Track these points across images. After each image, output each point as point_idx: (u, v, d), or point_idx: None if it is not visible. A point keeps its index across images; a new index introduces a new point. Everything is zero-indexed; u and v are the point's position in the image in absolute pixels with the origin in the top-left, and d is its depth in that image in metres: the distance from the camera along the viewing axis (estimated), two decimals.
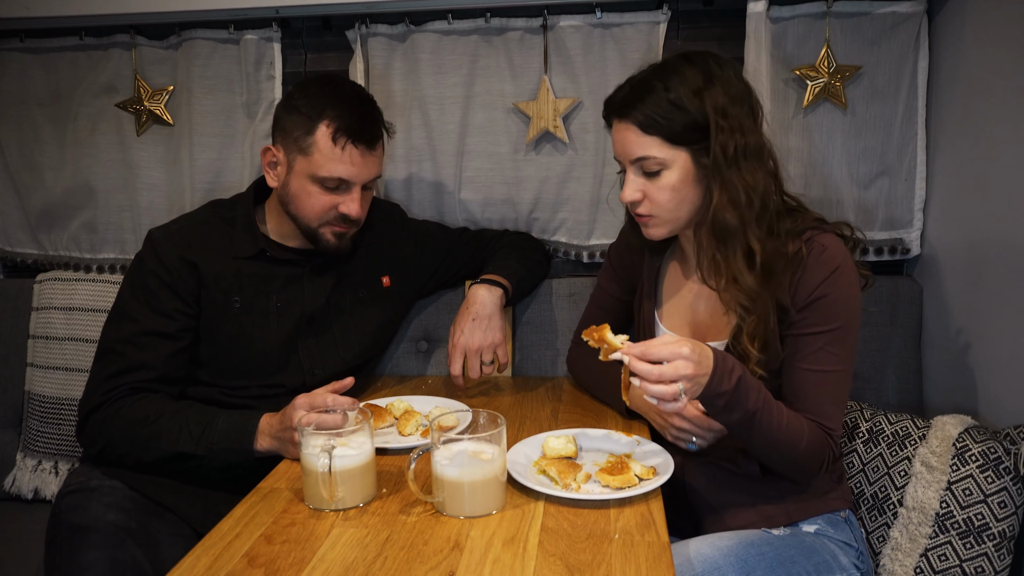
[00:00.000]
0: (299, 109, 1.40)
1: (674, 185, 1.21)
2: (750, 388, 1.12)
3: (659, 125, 1.19)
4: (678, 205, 1.23)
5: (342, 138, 1.38)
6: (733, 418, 1.13)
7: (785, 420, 1.16)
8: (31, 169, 2.01)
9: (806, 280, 1.21)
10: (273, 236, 1.52)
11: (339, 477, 1.10)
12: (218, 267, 1.45)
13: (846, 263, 1.22)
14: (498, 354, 1.52)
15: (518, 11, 1.78)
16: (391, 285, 1.64)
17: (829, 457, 1.22)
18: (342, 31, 1.85)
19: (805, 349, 1.21)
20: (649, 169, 1.22)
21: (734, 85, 1.21)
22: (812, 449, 1.19)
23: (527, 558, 0.97)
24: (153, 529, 1.34)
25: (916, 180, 1.73)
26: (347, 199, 1.43)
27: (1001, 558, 1.27)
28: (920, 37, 1.68)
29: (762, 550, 1.18)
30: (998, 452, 1.30)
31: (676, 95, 1.18)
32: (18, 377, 1.96)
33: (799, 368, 1.22)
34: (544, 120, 1.79)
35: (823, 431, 1.20)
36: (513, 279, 1.62)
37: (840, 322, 1.20)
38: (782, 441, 1.16)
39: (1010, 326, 1.40)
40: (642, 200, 1.24)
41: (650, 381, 1.04)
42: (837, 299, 1.20)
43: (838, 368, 1.21)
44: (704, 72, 1.20)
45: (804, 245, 1.22)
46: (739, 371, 1.11)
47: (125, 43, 1.91)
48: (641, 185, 1.23)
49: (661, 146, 1.20)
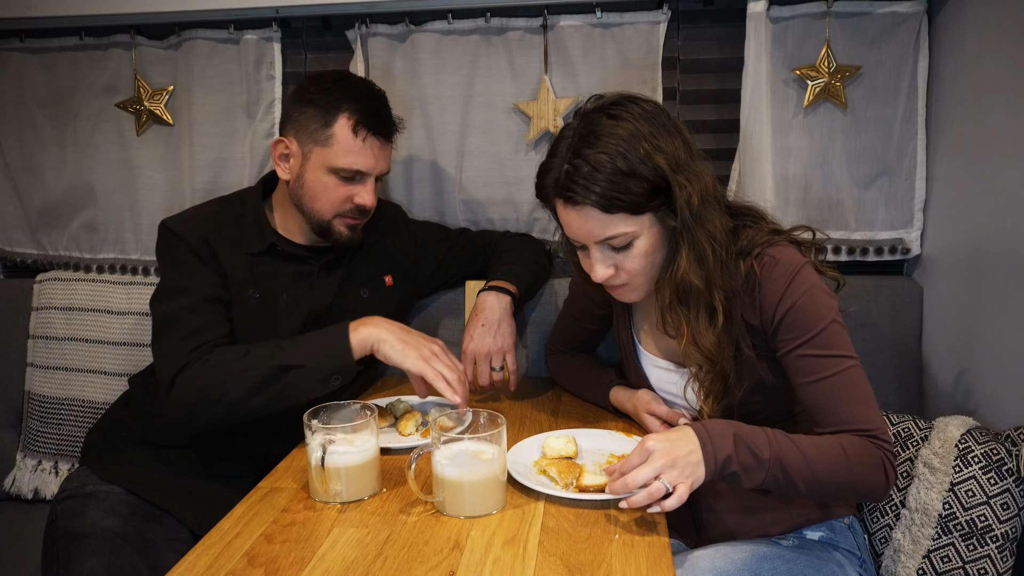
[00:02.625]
0: (315, 102, 1.41)
1: (646, 252, 1.16)
2: (756, 437, 1.07)
3: (621, 202, 1.10)
4: (652, 268, 1.19)
5: (362, 130, 1.40)
6: (763, 477, 1.06)
7: (816, 447, 1.08)
8: (31, 169, 2.01)
9: (766, 297, 1.16)
10: (281, 232, 1.53)
11: (339, 473, 1.11)
12: (235, 260, 1.45)
13: (802, 268, 1.16)
14: (507, 360, 1.52)
15: (518, 11, 1.78)
16: (393, 284, 1.65)
17: (888, 460, 1.11)
18: (342, 31, 1.85)
19: (798, 364, 1.16)
20: (619, 244, 1.15)
21: (670, 129, 1.14)
22: (863, 461, 1.09)
23: (527, 558, 0.96)
24: (151, 534, 1.34)
25: (916, 180, 1.73)
26: (361, 190, 1.44)
27: (1004, 560, 1.27)
28: (920, 37, 1.68)
29: (774, 563, 1.16)
30: (1000, 453, 1.29)
31: (626, 164, 1.09)
32: (18, 377, 1.96)
33: (804, 385, 1.15)
34: (544, 120, 1.79)
35: (864, 437, 1.11)
36: (521, 285, 1.62)
37: (820, 324, 1.14)
38: (828, 469, 1.07)
39: (1011, 326, 1.40)
40: (616, 273, 1.18)
41: (633, 492, 1.02)
42: (805, 305, 1.15)
43: (844, 366, 1.14)
44: (638, 127, 1.11)
45: (755, 262, 1.17)
46: (731, 428, 1.06)
47: (125, 43, 1.91)
48: (612, 260, 1.17)
49: (627, 221, 1.13)
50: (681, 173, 1.12)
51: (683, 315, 1.19)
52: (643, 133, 1.11)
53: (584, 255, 1.21)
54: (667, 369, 1.34)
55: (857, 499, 1.18)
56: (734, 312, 1.18)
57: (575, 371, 1.58)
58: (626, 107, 1.14)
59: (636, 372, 1.39)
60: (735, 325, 1.19)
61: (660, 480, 1.01)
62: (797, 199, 1.77)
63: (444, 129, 1.85)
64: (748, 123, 1.70)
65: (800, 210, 1.77)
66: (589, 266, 1.20)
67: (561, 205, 1.16)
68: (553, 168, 1.15)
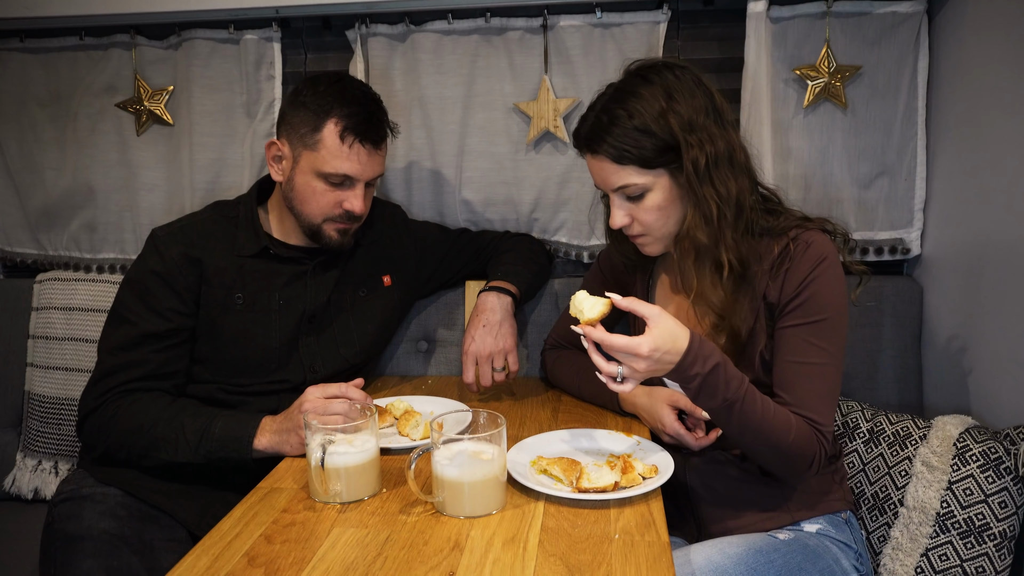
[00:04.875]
0: (307, 105, 1.41)
1: (659, 205, 1.23)
2: (731, 378, 1.12)
3: (631, 155, 1.20)
4: (667, 222, 1.25)
5: (349, 136, 1.39)
6: (712, 405, 1.14)
7: (771, 413, 1.15)
8: (31, 169, 2.01)
9: (793, 274, 1.22)
10: (276, 234, 1.53)
11: (339, 473, 1.11)
12: (221, 263, 1.45)
13: (832, 256, 1.23)
14: (509, 360, 1.52)
15: (518, 11, 1.78)
16: (392, 284, 1.65)
17: (820, 455, 1.19)
18: (342, 31, 1.85)
19: (791, 341, 1.21)
20: (632, 194, 1.23)
21: (695, 94, 1.21)
22: (800, 444, 1.16)
23: (527, 558, 0.97)
24: (148, 536, 1.34)
25: (916, 180, 1.73)
26: (351, 195, 1.44)
27: (1002, 558, 1.27)
28: (920, 37, 1.68)
29: (771, 557, 1.17)
30: (999, 452, 1.30)
31: (641, 121, 1.19)
32: (18, 377, 1.96)
33: (784, 361, 1.22)
34: (544, 120, 1.79)
35: (811, 427, 1.18)
36: (522, 285, 1.63)
37: (825, 314, 1.20)
38: (766, 433, 1.15)
39: (1010, 326, 1.40)
40: (631, 223, 1.26)
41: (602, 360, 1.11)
42: (823, 291, 1.20)
43: (824, 361, 1.20)
44: (664, 89, 1.20)
45: (791, 242, 1.24)
46: (717, 359, 1.11)
47: (125, 43, 1.91)
48: (628, 210, 1.25)
49: (638, 173, 1.21)
50: (693, 134, 1.19)
51: (695, 271, 1.25)
52: (664, 95, 1.20)
53: (606, 203, 1.32)
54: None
55: (773, 470, 1.24)
56: (748, 274, 1.23)
57: (575, 367, 1.57)
58: (659, 71, 1.23)
59: None
60: (749, 288, 1.24)
61: (619, 368, 1.10)
62: (797, 199, 1.77)
63: (444, 129, 1.85)
64: (748, 123, 1.70)
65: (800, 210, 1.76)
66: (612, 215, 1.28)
67: (587, 154, 1.27)
68: (587, 120, 1.26)
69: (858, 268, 1.30)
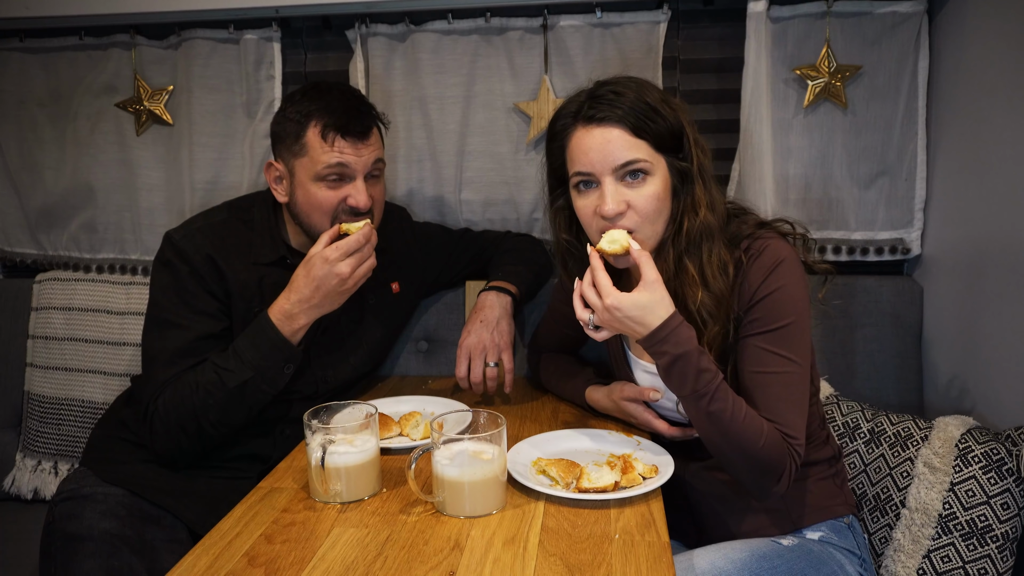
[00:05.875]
0: (289, 118, 1.41)
1: (657, 194, 1.18)
2: (703, 370, 1.11)
3: (648, 128, 1.16)
4: (658, 217, 1.20)
5: (331, 133, 1.39)
6: (682, 392, 1.14)
7: (742, 415, 1.11)
8: (31, 169, 2.01)
9: (748, 282, 1.18)
10: (293, 245, 1.51)
11: (339, 473, 1.11)
12: (243, 276, 1.44)
13: (789, 260, 1.18)
14: (503, 359, 1.51)
15: (518, 11, 1.78)
16: (400, 291, 1.64)
17: (791, 468, 1.14)
18: (342, 31, 1.85)
19: (751, 352, 1.17)
20: (637, 169, 1.17)
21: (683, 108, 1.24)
22: (770, 452, 1.12)
23: (527, 558, 0.96)
24: (149, 536, 1.34)
25: (916, 180, 1.73)
26: (352, 190, 1.42)
27: (1004, 559, 1.27)
28: (920, 37, 1.68)
29: (774, 563, 1.16)
30: (1001, 453, 1.29)
31: (653, 99, 1.18)
32: (17, 377, 1.96)
33: (746, 372, 1.18)
34: (545, 120, 1.78)
35: (783, 437, 1.13)
36: (522, 285, 1.62)
37: (785, 320, 1.16)
38: (735, 433, 1.11)
39: (1011, 326, 1.40)
40: (626, 211, 1.18)
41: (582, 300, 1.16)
42: (780, 296, 1.16)
43: (787, 369, 1.15)
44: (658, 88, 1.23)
45: (743, 254, 1.20)
46: (691, 347, 1.11)
47: (125, 43, 1.91)
48: (624, 195, 1.18)
49: (649, 151, 1.18)
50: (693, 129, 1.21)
51: (696, 262, 1.21)
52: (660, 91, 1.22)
53: (589, 195, 1.21)
54: (657, 375, 1.34)
55: (743, 479, 1.18)
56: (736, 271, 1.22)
57: (554, 370, 1.57)
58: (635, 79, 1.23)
59: (626, 379, 1.39)
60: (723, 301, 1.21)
61: (591, 315, 1.14)
62: (797, 199, 1.77)
63: (444, 129, 1.85)
64: (748, 123, 1.70)
65: (800, 210, 1.77)
66: (596, 206, 1.19)
67: (582, 130, 1.19)
68: (573, 102, 1.22)
69: (822, 267, 1.27)
